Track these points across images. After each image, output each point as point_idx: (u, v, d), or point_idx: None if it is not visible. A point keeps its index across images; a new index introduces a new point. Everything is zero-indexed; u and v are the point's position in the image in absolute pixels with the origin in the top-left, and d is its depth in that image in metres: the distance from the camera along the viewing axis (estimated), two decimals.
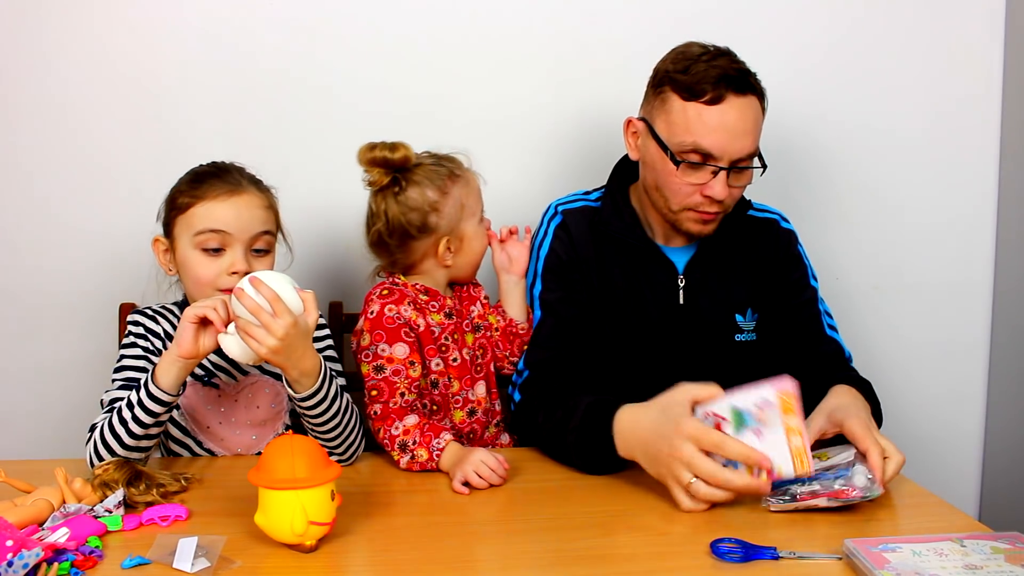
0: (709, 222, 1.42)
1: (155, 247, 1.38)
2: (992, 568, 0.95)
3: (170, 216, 1.35)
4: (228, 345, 1.21)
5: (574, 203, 1.54)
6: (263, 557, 1.03)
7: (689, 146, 1.36)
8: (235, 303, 1.18)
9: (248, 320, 1.17)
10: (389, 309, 1.37)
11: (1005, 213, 1.92)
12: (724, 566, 1.01)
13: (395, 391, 1.34)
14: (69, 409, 1.72)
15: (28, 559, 0.94)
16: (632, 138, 1.47)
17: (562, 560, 1.03)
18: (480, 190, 1.43)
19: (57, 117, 1.71)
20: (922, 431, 1.96)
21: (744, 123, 1.35)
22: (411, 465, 1.31)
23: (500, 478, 1.24)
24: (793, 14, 1.83)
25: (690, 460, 1.12)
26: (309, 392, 1.24)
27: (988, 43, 1.87)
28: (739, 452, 1.11)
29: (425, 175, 1.38)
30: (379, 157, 1.36)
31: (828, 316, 1.52)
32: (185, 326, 1.21)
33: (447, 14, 1.76)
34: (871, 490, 1.11)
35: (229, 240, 1.31)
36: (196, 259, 1.31)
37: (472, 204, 1.42)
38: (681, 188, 1.39)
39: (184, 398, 1.38)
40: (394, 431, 1.33)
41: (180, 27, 1.71)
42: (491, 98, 1.78)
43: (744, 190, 1.44)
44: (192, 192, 1.32)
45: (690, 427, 1.13)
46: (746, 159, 1.38)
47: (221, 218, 1.30)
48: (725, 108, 1.34)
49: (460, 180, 1.40)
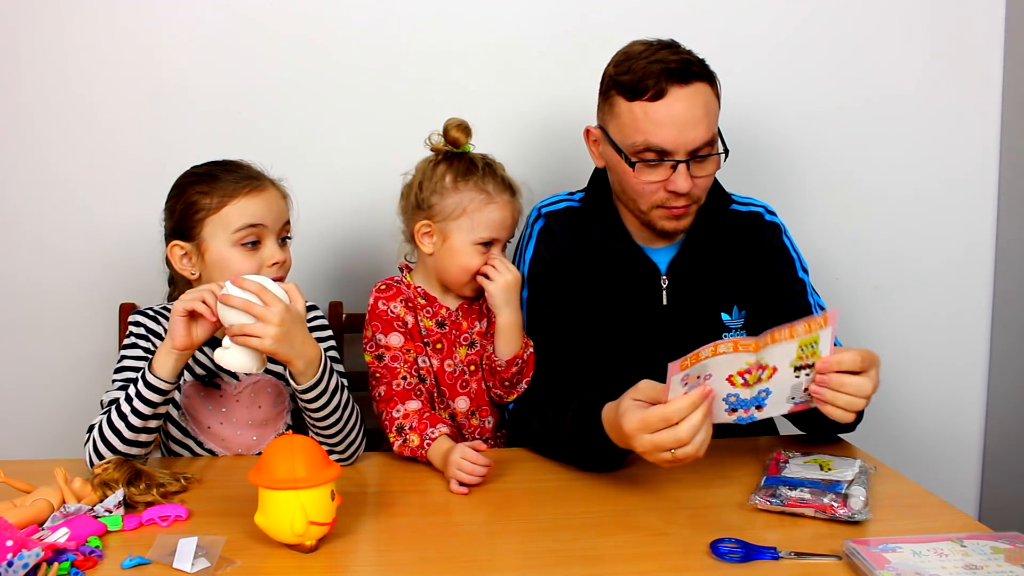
0: (682, 216, 1.40)
1: (171, 253, 1.36)
2: (992, 568, 0.96)
3: (193, 219, 1.34)
4: (228, 359, 1.20)
5: (558, 204, 1.53)
6: (263, 557, 1.03)
7: (641, 145, 1.34)
8: (224, 313, 1.19)
9: (242, 322, 1.18)
10: (382, 303, 1.43)
11: (1005, 213, 1.92)
12: (724, 566, 1.01)
13: (396, 374, 1.39)
14: (69, 409, 1.73)
15: (28, 559, 0.94)
16: (594, 146, 1.47)
17: (562, 560, 1.03)
18: (502, 224, 1.41)
19: (56, 118, 1.71)
20: (922, 431, 1.96)
21: (693, 112, 1.32)
22: (403, 449, 1.33)
23: (483, 467, 1.23)
24: (793, 15, 1.83)
25: (653, 448, 1.10)
26: (312, 382, 1.24)
27: (988, 43, 1.87)
28: (684, 407, 1.08)
29: (462, 165, 1.41)
30: (453, 136, 1.41)
31: (821, 309, 1.49)
32: (176, 320, 1.21)
33: (447, 14, 1.76)
34: (861, 513, 1.10)
35: (265, 233, 1.34)
36: (236, 256, 1.32)
37: (479, 222, 1.40)
38: (644, 188, 1.37)
39: (185, 397, 1.38)
40: (395, 413, 1.35)
41: (180, 32, 1.71)
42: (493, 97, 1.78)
43: (711, 178, 1.41)
44: (219, 192, 1.33)
45: (631, 423, 1.11)
46: (703, 147, 1.35)
47: (257, 212, 1.33)
48: (670, 101, 1.31)
49: (481, 194, 1.39)
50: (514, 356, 1.41)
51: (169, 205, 1.38)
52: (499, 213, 1.40)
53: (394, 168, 1.48)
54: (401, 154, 1.47)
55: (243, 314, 1.18)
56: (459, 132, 1.41)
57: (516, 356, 1.41)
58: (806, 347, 1.10)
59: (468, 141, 1.42)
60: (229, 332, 1.19)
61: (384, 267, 1.71)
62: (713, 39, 1.80)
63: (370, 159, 1.73)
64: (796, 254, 1.52)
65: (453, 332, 1.45)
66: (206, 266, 1.34)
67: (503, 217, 1.41)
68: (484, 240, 1.40)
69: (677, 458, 1.10)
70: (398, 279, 1.46)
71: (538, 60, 1.78)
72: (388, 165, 1.49)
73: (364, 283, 1.51)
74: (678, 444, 1.08)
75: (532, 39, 1.78)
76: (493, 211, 1.40)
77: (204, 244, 1.34)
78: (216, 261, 1.33)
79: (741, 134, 1.64)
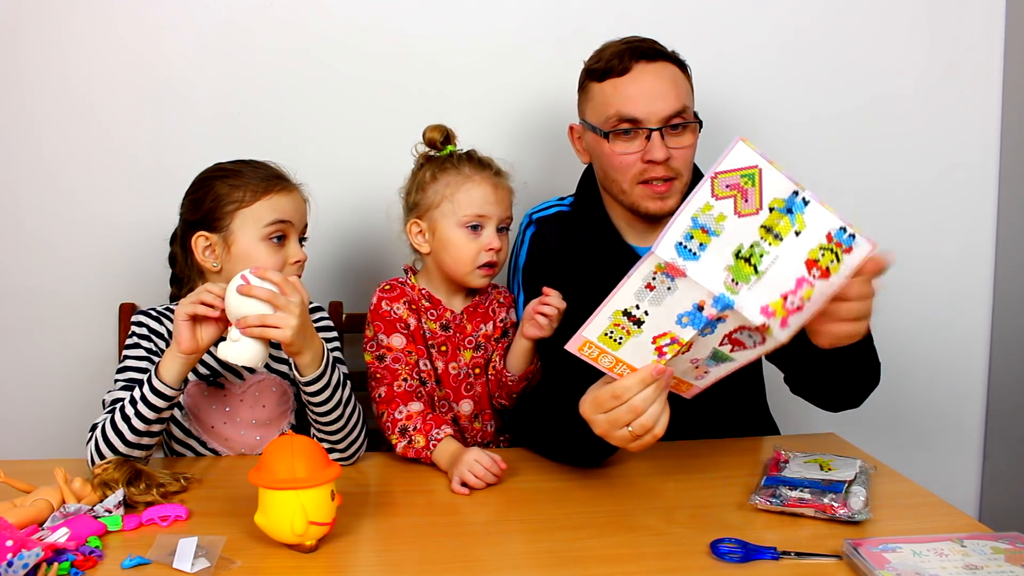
0: (665, 196, 1.40)
1: (195, 244, 1.36)
2: (992, 568, 0.96)
3: (223, 211, 1.34)
4: (237, 353, 1.19)
5: (548, 210, 1.54)
6: (263, 557, 1.03)
7: (614, 117, 1.38)
8: (239, 305, 1.18)
9: (262, 312, 1.18)
10: (385, 304, 1.43)
11: (1005, 213, 1.92)
12: (724, 566, 1.01)
13: (397, 376, 1.39)
14: (69, 409, 1.73)
15: (28, 559, 0.94)
16: (578, 142, 1.50)
17: (562, 560, 1.03)
18: (485, 200, 1.40)
19: (56, 119, 1.71)
20: (922, 431, 1.96)
21: (661, 84, 1.38)
22: (407, 451, 1.33)
23: (495, 476, 1.24)
24: (793, 16, 1.83)
25: (609, 425, 1.08)
26: (316, 374, 1.26)
27: (988, 43, 1.87)
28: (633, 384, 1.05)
29: (440, 160, 1.43)
30: (428, 137, 1.45)
31: None
32: (180, 325, 1.22)
33: (447, 14, 1.76)
34: (861, 513, 1.10)
35: (291, 231, 1.37)
36: (262, 249, 1.34)
37: (459, 203, 1.39)
38: (622, 161, 1.39)
39: (188, 397, 1.38)
40: (397, 415, 1.35)
41: (184, 30, 1.71)
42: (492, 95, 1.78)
43: (690, 151, 1.41)
44: (251, 187, 1.35)
45: (585, 406, 1.10)
46: (675, 117, 1.38)
47: (287, 210, 1.36)
48: (636, 75, 1.38)
49: (458, 176, 1.40)
50: (525, 371, 1.42)
51: (194, 198, 1.38)
52: (479, 189, 1.39)
53: (393, 169, 1.48)
54: (401, 154, 1.47)
55: (263, 305, 1.18)
56: (434, 132, 1.44)
57: (527, 371, 1.43)
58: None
59: (444, 140, 1.44)
60: (242, 324, 1.18)
61: (384, 267, 1.71)
62: (713, 39, 1.81)
63: (370, 159, 1.74)
64: None
65: (457, 335, 1.45)
66: (231, 258, 1.35)
67: (484, 193, 1.40)
68: (469, 222, 1.39)
69: (636, 435, 1.07)
70: (403, 280, 1.46)
71: (538, 62, 1.78)
72: (387, 165, 1.49)
73: (364, 283, 1.51)
74: (634, 415, 1.06)
75: (532, 37, 1.78)
76: (472, 188, 1.39)
77: (232, 236, 1.35)
78: (243, 254, 1.34)
79: (737, 131, 1.63)
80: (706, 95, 1.50)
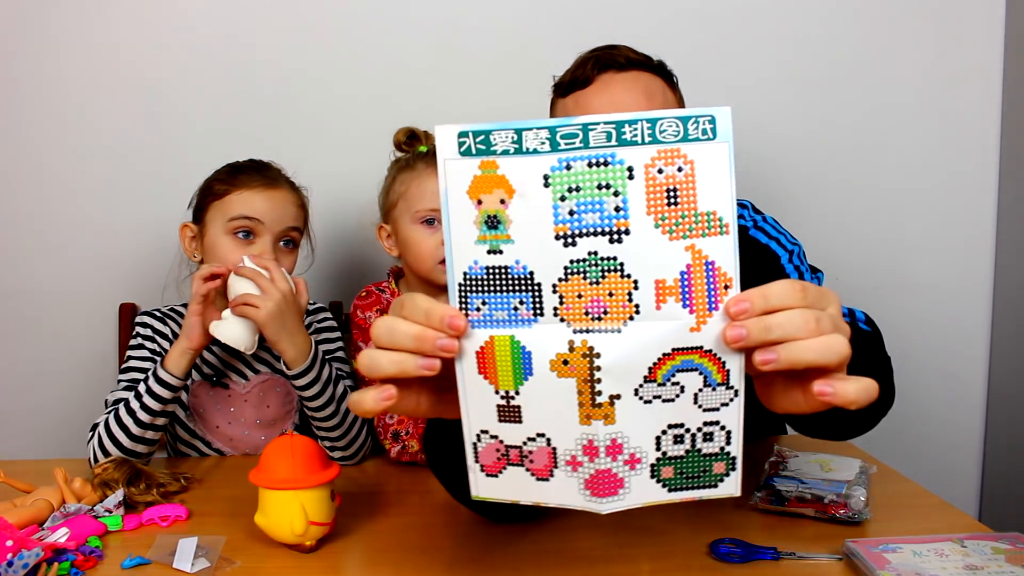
0: None
1: (182, 233, 1.40)
2: (993, 568, 0.95)
3: (204, 203, 1.38)
4: (223, 330, 1.24)
5: None
6: (263, 557, 1.03)
7: None
8: (234, 283, 1.25)
9: (246, 292, 1.23)
10: (360, 312, 1.44)
11: (1005, 213, 1.92)
12: (724, 566, 1.01)
13: None
14: (69, 409, 1.73)
15: (28, 559, 0.94)
16: None
17: (562, 560, 1.03)
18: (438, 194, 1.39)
19: (56, 119, 1.71)
20: (922, 431, 1.96)
21: (628, 96, 1.20)
22: (401, 455, 1.33)
23: None
24: (794, 17, 1.83)
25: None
26: (302, 369, 1.27)
27: (988, 43, 1.87)
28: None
29: (402, 163, 1.43)
30: (395, 140, 1.46)
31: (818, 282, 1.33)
32: (193, 320, 1.25)
33: (447, 16, 1.76)
34: (861, 514, 1.10)
35: (260, 229, 1.35)
36: (226, 244, 1.34)
37: (412, 199, 1.38)
38: None
39: (193, 397, 1.39)
40: (389, 420, 1.35)
41: (179, 35, 1.71)
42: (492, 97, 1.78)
43: None
44: (230, 181, 1.37)
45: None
46: None
47: (258, 208, 1.35)
48: (600, 87, 1.21)
49: (411, 173, 1.40)
50: None
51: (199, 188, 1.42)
52: (430, 182, 1.36)
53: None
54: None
55: (249, 283, 1.23)
56: (399, 134, 1.44)
57: None
58: None
59: (409, 142, 1.44)
60: (232, 303, 1.24)
61: (384, 267, 1.71)
62: (713, 44, 1.81)
63: (370, 160, 1.73)
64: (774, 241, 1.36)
65: None
66: (205, 250, 1.38)
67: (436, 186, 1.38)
68: (423, 216, 1.38)
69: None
70: (384, 285, 1.47)
71: (538, 63, 1.77)
72: (387, 166, 1.49)
73: (364, 283, 1.51)
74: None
75: (530, 37, 1.78)
76: (423, 183, 1.38)
77: (205, 227, 1.37)
78: (210, 246, 1.36)
79: (741, 135, 1.63)
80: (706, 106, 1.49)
